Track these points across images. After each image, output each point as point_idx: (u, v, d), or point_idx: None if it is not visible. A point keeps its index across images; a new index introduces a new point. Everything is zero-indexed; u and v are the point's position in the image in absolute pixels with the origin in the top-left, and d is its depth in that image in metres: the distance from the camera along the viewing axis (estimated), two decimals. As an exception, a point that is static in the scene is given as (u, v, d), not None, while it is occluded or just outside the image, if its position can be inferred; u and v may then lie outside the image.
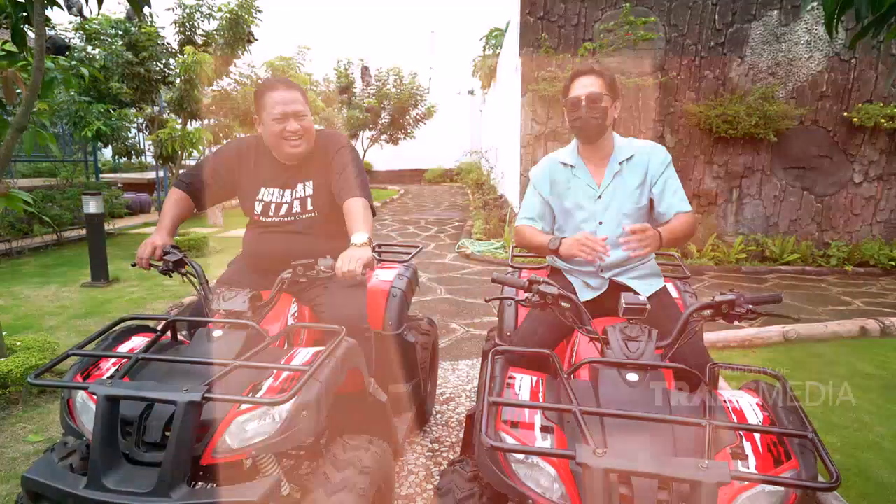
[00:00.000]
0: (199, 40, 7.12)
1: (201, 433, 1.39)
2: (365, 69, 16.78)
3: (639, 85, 7.01)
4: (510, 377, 1.56)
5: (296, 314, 2.03)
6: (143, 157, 10.18)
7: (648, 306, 1.55)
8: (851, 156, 7.18)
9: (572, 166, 2.06)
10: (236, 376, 1.49)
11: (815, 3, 5.34)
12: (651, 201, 2.03)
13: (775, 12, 6.99)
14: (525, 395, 1.51)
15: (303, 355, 1.69)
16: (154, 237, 1.95)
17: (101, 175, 9.97)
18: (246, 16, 6.49)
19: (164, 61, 6.91)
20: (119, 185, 10.64)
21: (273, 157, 2.09)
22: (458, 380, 3.50)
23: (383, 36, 24.92)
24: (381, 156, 19.63)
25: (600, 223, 2.02)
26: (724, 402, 1.46)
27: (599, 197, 2.02)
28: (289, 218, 2.07)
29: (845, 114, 7.03)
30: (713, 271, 6.73)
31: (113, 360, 1.64)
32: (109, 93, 7.14)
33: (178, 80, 6.36)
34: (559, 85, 6.96)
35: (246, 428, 1.43)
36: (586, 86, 1.95)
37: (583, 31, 7.22)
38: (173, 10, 6.86)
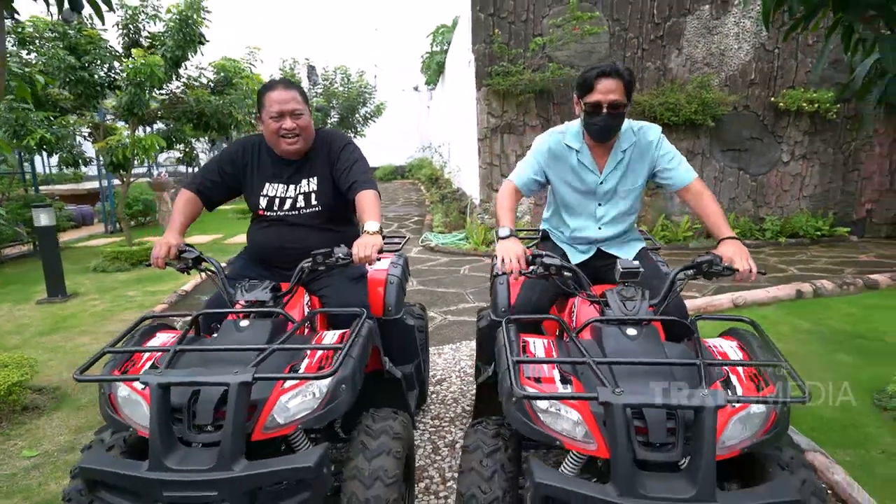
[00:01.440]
0: (145, 42, 6.90)
1: (249, 412, 1.50)
2: (311, 68, 16.55)
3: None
4: (524, 342, 1.75)
5: (308, 303, 2.14)
6: (88, 167, 9.68)
7: (642, 270, 1.77)
8: (779, 137, 7.82)
9: (577, 150, 2.15)
10: (275, 359, 1.61)
11: (758, 8, 5.78)
12: (653, 177, 2.20)
13: (707, 7, 7.50)
14: (541, 355, 1.71)
15: (330, 337, 1.85)
16: (167, 237, 2.00)
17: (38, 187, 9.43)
18: (195, 16, 6.35)
19: (108, 65, 6.65)
20: (56, 197, 10.12)
21: (276, 154, 2.18)
22: (445, 362, 3.67)
23: (326, 34, 24.57)
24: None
25: (599, 204, 2.21)
26: (709, 347, 1.71)
27: (601, 182, 2.17)
28: (293, 212, 2.16)
29: (772, 99, 7.65)
30: (663, 249, 7.18)
31: (147, 355, 1.72)
32: (49, 99, 6.81)
33: (126, 85, 6.15)
34: (512, 79, 7.22)
35: (290, 405, 1.57)
36: (610, 90, 1.96)
37: (532, 27, 7.50)
38: (115, 12, 6.62)
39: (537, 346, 1.75)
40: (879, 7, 2.32)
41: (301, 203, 2.16)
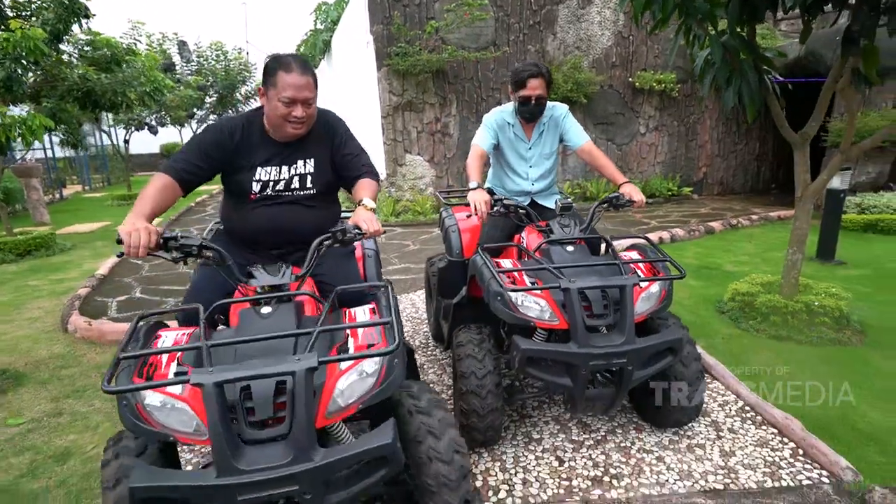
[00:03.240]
0: (10, 13, 6.29)
1: None
2: (182, 44, 15.53)
3: (477, 58, 8.08)
4: (496, 262, 2.36)
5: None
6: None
7: (574, 204, 2.48)
8: (637, 112, 9.21)
9: (512, 125, 2.86)
10: (320, 342, 1.55)
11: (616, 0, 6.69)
12: (560, 142, 2.95)
13: (575, -3, 8.55)
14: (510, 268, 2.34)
15: (361, 313, 1.80)
16: (137, 222, 1.68)
17: None
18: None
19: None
20: None
21: (269, 135, 2.05)
22: (392, 312, 4.19)
23: (188, 6, 22.71)
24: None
25: (530, 166, 2.92)
26: (621, 255, 2.47)
27: (530, 148, 2.90)
28: (286, 193, 2.06)
29: (630, 79, 8.97)
30: (578, 205, 8.24)
31: (166, 357, 1.59)
32: None
33: (1, 59, 5.65)
34: (411, 60, 7.70)
35: (349, 387, 1.53)
36: (536, 87, 2.65)
37: (426, 10, 8.01)
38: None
39: (506, 264, 2.40)
40: (707, 14, 3.22)
41: (296, 184, 2.07)
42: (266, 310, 1.66)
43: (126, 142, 11.76)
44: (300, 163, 2.08)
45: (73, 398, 3.06)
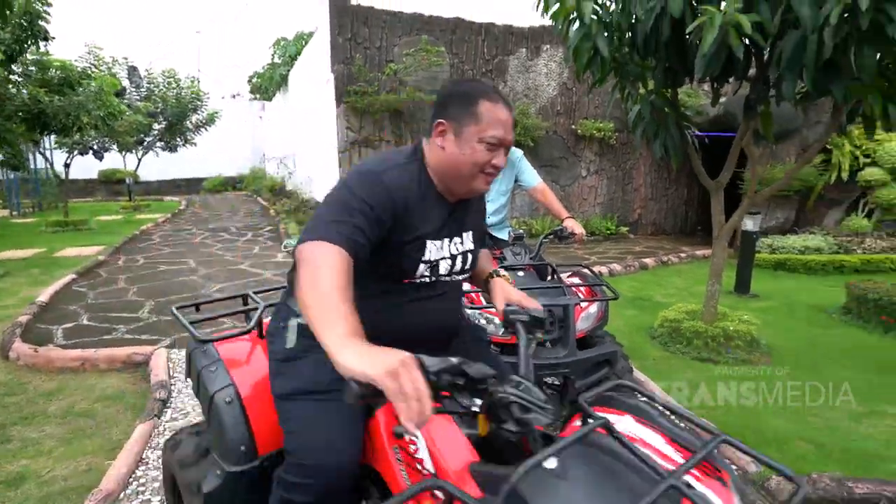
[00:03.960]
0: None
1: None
2: (133, 69, 15.31)
3: (433, 101, 8.54)
4: None
5: None
6: None
7: (524, 235, 2.81)
8: (579, 157, 9.93)
9: None
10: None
11: (564, 57, 7.37)
12: (515, 182, 3.31)
13: (524, 50, 9.27)
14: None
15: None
16: (392, 354, 0.93)
17: None
18: (39, 7, 5.94)
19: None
20: None
21: (438, 192, 1.41)
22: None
23: (141, 32, 22.41)
24: (153, 165, 17.95)
25: (488, 202, 3.16)
26: (565, 280, 2.80)
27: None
28: (446, 279, 1.45)
29: (573, 126, 9.70)
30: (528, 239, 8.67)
31: None
32: None
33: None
34: (369, 98, 8.07)
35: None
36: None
37: (385, 53, 8.46)
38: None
39: (464, 287, 2.66)
40: (638, 76, 3.73)
41: (458, 266, 1.46)
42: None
43: (66, 166, 11.37)
44: (464, 236, 1.48)
45: (21, 425, 3.01)
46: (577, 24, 3.49)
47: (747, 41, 2.97)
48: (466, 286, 2.07)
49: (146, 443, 2.72)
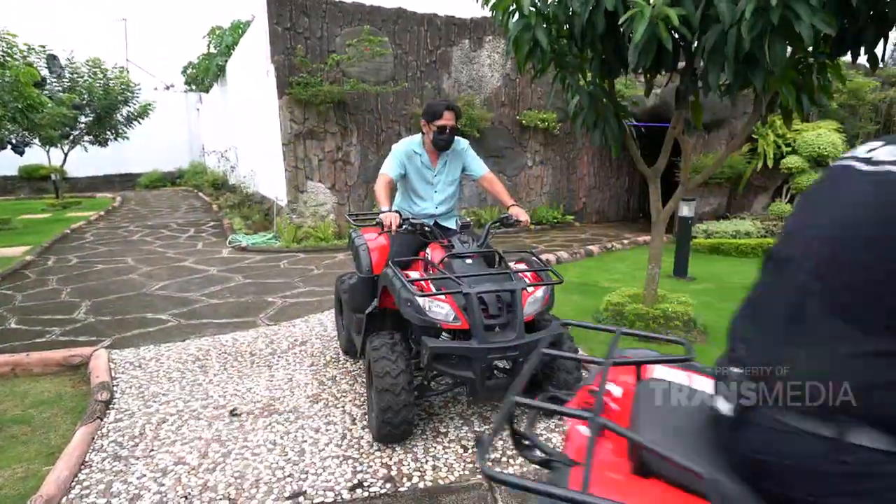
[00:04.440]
0: None
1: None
2: (52, 58, 14.27)
3: (377, 92, 8.49)
4: (405, 274, 2.68)
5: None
6: None
7: (472, 223, 2.86)
8: (524, 147, 10.12)
9: (420, 154, 3.19)
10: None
11: (506, 48, 7.47)
12: (463, 172, 3.35)
13: (467, 41, 9.33)
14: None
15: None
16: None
17: None
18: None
19: None
20: None
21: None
22: (302, 331, 4.31)
23: (60, 19, 20.96)
24: (81, 160, 16.90)
25: (435, 192, 3.27)
26: (512, 266, 2.88)
27: (435, 175, 3.25)
28: None
29: (517, 117, 9.87)
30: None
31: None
32: None
33: None
34: (313, 90, 7.91)
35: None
36: (450, 118, 3.06)
37: (327, 43, 8.31)
38: None
39: (414, 275, 2.72)
40: (577, 67, 3.87)
41: None
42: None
43: (-18, 162, 10.53)
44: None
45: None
46: (516, 15, 3.57)
47: (676, 34, 3.14)
48: (416, 275, 2.79)
49: (89, 445, 2.62)
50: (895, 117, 10.47)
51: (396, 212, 3.28)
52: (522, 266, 2.95)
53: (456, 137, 3.25)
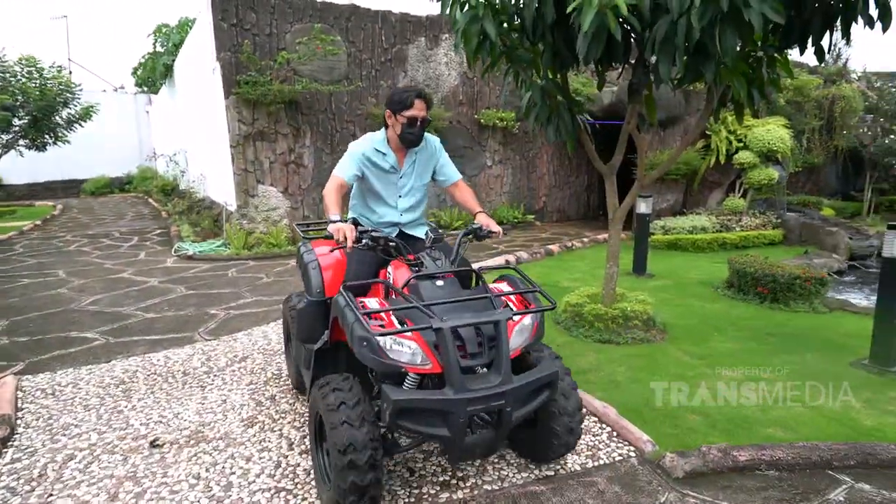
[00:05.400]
0: None
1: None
2: (-20, 57, 13.33)
3: (331, 91, 8.19)
4: (361, 302, 2.15)
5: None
6: None
7: (445, 236, 2.52)
8: (484, 146, 9.98)
9: (384, 153, 2.65)
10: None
11: (454, 42, 7.34)
12: (433, 175, 2.84)
13: (423, 39, 9.13)
14: (377, 308, 2.13)
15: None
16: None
17: None
18: None
19: None
20: None
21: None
22: (243, 345, 4.01)
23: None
24: (18, 166, 15.90)
25: (401, 196, 2.74)
26: (492, 288, 2.35)
27: (401, 177, 2.71)
28: None
29: (476, 116, 9.73)
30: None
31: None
32: None
33: None
34: (262, 89, 7.56)
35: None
36: (420, 108, 2.51)
37: (277, 41, 7.96)
38: None
39: (372, 304, 2.18)
40: (530, 62, 3.71)
41: None
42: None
43: None
44: None
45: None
46: (465, 7, 3.39)
47: (628, 25, 3.01)
48: (374, 303, 2.26)
49: (-23, 494, 2.27)
50: (837, 113, 10.82)
51: (352, 221, 2.85)
52: (505, 287, 2.39)
53: (427, 135, 2.76)
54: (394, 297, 2.28)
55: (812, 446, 2.44)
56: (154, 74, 14.53)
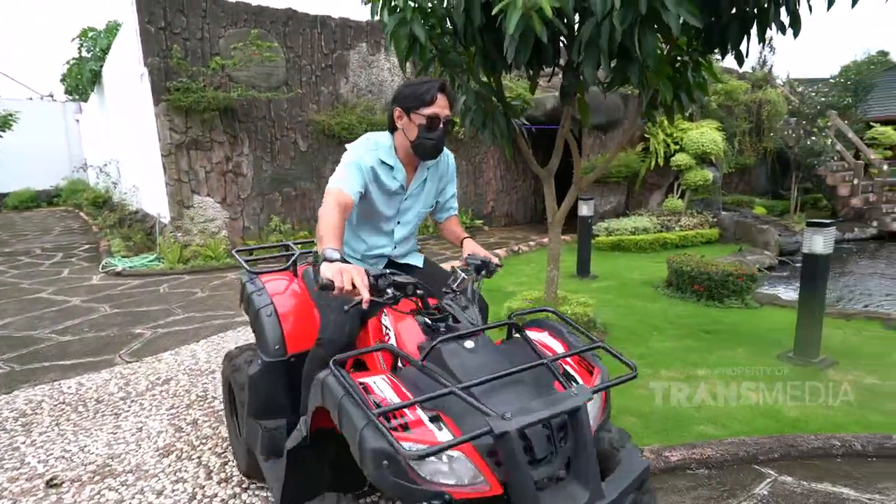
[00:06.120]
0: None
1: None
2: None
3: (269, 98, 7.94)
4: (362, 384, 1.38)
5: None
6: None
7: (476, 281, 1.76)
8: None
9: (391, 167, 1.98)
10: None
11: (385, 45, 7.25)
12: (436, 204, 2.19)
13: (364, 44, 9.00)
14: (391, 395, 1.36)
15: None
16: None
17: None
18: None
19: None
20: None
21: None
22: (168, 366, 3.75)
23: None
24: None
25: (399, 223, 2.08)
26: (537, 344, 1.57)
27: (406, 199, 2.05)
28: None
29: (421, 123, 9.64)
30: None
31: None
32: None
33: None
34: (194, 96, 7.23)
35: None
36: (444, 106, 1.86)
37: (210, 46, 7.64)
38: None
39: (380, 385, 1.40)
40: (461, 65, 3.66)
41: None
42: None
43: None
44: None
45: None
46: (395, 10, 3.31)
47: (555, 28, 3.00)
48: (383, 386, 1.43)
49: None
50: (764, 116, 11.40)
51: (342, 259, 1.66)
52: (548, 339, 1.66)
53: (446, 152, 2.13)
54: (402, 367, 1.54)
55: (739, 442, 2.48)
56: (81, 81, 13.75)
